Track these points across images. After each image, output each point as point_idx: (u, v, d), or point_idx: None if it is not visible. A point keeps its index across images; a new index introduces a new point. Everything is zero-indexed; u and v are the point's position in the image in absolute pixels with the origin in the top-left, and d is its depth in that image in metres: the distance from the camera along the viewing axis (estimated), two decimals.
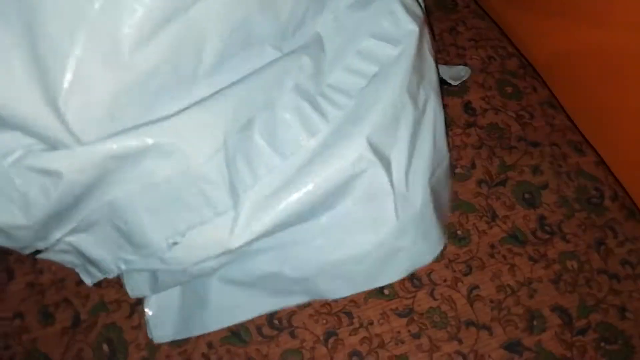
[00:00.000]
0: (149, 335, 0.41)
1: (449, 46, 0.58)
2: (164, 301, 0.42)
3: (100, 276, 0.40)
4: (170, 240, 0.37)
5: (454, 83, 0.52)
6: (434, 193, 0.43)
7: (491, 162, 0.50)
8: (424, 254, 0.44)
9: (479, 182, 0.49)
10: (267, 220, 0.37)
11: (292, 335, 0.41)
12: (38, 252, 0.40)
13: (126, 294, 0.42)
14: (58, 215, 0.36)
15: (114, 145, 0.34)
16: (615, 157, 0.52)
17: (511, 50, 0.59)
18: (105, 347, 0.40)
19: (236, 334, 0.41)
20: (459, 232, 0.46)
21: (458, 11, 0.62)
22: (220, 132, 0.36)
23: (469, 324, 0.42)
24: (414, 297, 0.43)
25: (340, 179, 0.38)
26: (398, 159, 0.40)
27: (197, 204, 0.37)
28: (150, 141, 0.34)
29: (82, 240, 0.39)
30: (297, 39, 0.40)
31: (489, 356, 0.41)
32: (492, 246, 0.45)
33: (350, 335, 0.41)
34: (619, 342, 0.42)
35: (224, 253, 0.37)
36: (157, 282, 0.41)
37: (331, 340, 0.41)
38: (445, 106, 0.53)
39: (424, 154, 0.42)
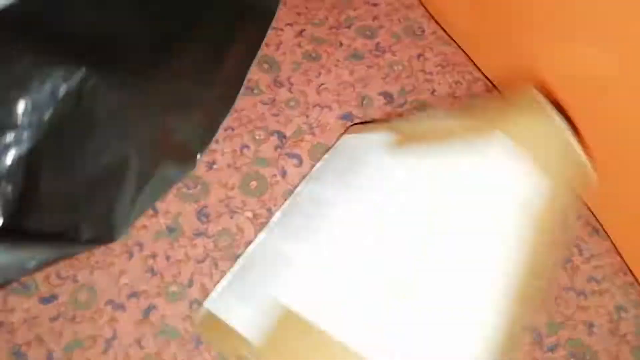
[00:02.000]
0: None
1: (417, 72, 0.60)
2: None
3: None
4: None
5: None
6: None
7: None
8: None
9: None
10: None
11: None
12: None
13: (101, 328, 0.42)
14: None
15: None
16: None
17: (477, 74, 0.61)
18: None
19: None
20: None
21: (425, 37, 0.64)
22: None
23: None
24: None
25: None
26: None
27: None
28: None
29: None
30: None
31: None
32: None
33: None
34: (587, 357, 0.44)
35: None
36: None
37: None
38: None
39: None
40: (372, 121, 0.49)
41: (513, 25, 0.58)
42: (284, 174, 0.52)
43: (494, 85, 0.61)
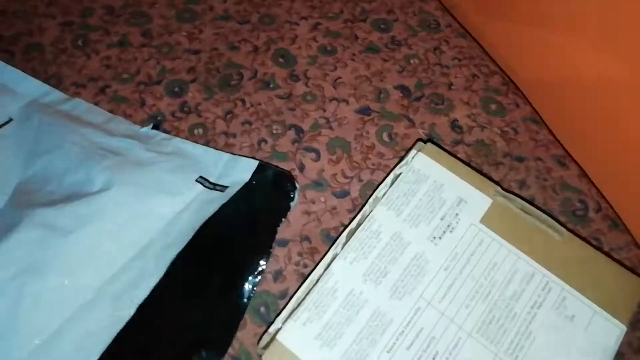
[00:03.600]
0: None
1: (433, 65, 0.60)
2: None
3: None
4: None
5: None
6: None
7: None
8: None
9: None
10: None
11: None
12: None
13: None
14: None
15: None
16: (598, 170, 0.54)
17: (493, 67, 0.61)
18: None
19: None
20: None
21: (441, 30, 0.64)
22: None
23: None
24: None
25: None
26: None
27: None
28: None
29: None
30: None
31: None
32: None
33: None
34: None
35: None
36: None
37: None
38: (432, 124, 0.55)
39: None
40: (449, 152, 0.48)
41: (531, 20, 0.57)
42: (302, 168, 0.52)
43: (510, 79, 0.60)
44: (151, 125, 0.53)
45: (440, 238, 0.41)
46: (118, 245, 0.44)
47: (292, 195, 0.48)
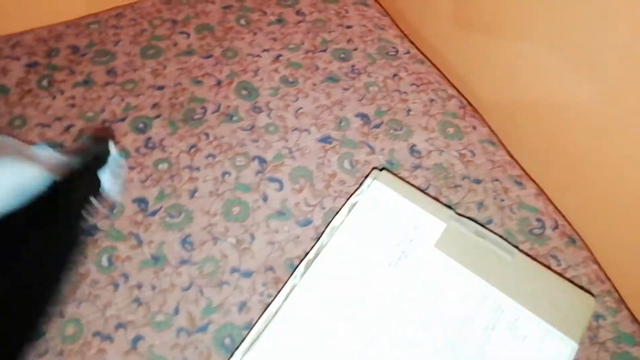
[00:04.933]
0: None
1: (392, 92, 0.62)
2: None
3: None
4: None
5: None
6: None
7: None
8: None
9: None
10: None
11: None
12: None
13: None
14: None
15: None
16: (555, 187, 0.55)
17: (451, 91, 0.62)
18: None
19: None
20: None
21: (399, 57, 0.66)
22: None
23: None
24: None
25: None
26: None
27: None
28: None
29: None
30: None
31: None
32: None
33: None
34: None
35: None
36: None
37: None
38: (392, 150, 0.56)
39: None
40: (402, 178, 0.50)
41: (496, 41, 0.59)
42: (265, 198, 0.53)
43: (468, 102, 0.62)
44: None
45: (396, 264, 0.42)
46: None
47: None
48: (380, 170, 0.48)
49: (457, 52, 0.66)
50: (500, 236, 0.44)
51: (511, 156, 0.58)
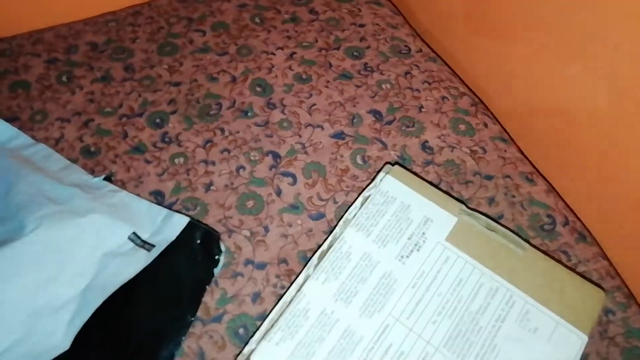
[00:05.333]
0: None
1: (404, 89, 0.62)
2: None
3: None
4: None
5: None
6: None
7: None
8: None
9: None
10: None
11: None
12: None
13: None
14: None
15: None
16: (565, 183, 0.56)
17: (462, 89, 0.63)
18: None
19: None
20: None
21: (411, 56, 0.67)
22: None
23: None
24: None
25: None
26: None
27: None
28: None
29: None
30: None
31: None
32: None
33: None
34: None
35: None
36: None
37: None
38: (404, 146, 0.57)
39: None
40: (414, 173, 0.50)
41: (506, 40, 0.60)
42: (279, 192, 0.54)
43: (479, 100, 0.63)
44: (103, 176, 0.53)
45: (407, 257, 0.43)
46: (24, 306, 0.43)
47: (217, 258, 0.48)
48: (393, 164, 0.48)
49: (468, 52, 0.67)
50: (512, 230, 0.45)
51: (522, 153, 0.58)
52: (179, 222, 0.50)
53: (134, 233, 0.49)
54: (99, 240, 0.47)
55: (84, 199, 0.50)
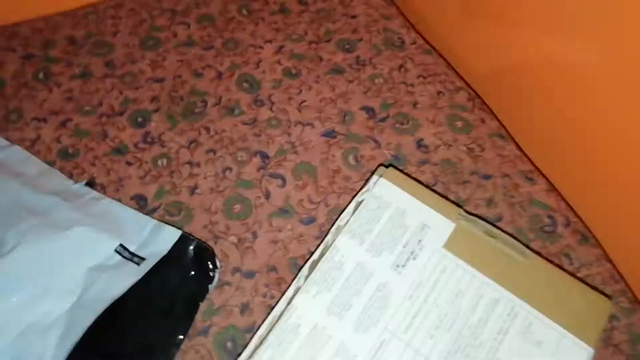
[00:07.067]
0: None
1: (398, 84, 0.60)
2: None
3: None
4: None
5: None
6: None
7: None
8: None
9: None
10: None
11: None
12: None
13: None
14: None
15: None
16: (566, 183, 0.53)
17: (459, 83, 0.60)
18: None
19: None
20: None
21: (405, 48, 0.64)
22: None
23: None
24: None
25: None
26: None
27: None
28: None
29: None
30: None
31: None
32: None
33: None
34: None
35: None
36: None
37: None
38: (398, 145, 0.54)
39: None
40: (410, 176, 0.47)
41: (503, 26, 0.57)
42: (267, 195, 0.51)
43: (476, 94, 0.60)
44: (84, 182, 0.51)
45: (403, 266, 0.41)
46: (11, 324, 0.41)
47: (212, 275, 0.45)
48: (387, 167, 0.46)
49: (466, 42, 0.64)
50: (512, 235, 0.42)
51: (521, 150, 0.56)
52: (170, 235, 0.47)
53: (121, 245, 0.46)
54: (85, 254, 0.45)
55: (65, 209, 0.47)
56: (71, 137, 0.55)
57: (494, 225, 0.43)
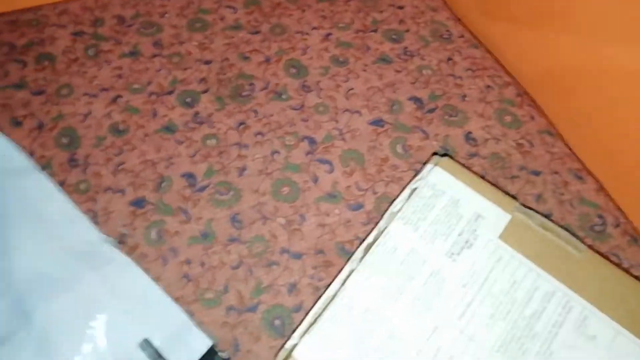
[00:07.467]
0: None
1: (446, 76, 0.59)
2: None
3: None
4: None
5: None
6: None
7: None
8: None
9: None
10: None
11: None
12: None
13: None
14: None
15: None
16: (616, 183, 0.53)
17: (507, 79, 0.60)
18: None
19: None
20: None
21: (453, 41, 0.63)
22: None
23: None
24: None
25: None
26: None
27: None
28: None
29: None
30: None
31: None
32: None
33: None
34: None
35: None
36: None
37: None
38: (446, 136, 0.54)
39: None
40: (463, 165, 0.47)
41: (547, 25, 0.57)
42: (315, 180, 0.51)
43: (525, 91, 0.60)
44: (114, 240, 0.46)
45: (458, 254, 0.40)
46: None
47: None
48: (442, 156, 0.46)
49: (514, 42, 0.64)
50: (567, 229, 0.42)
51: (570, 149, 0.55)
52: (200, 343, 0.42)
53: (146, 340, 0.41)
54: (108, 346, 0.40)
55: (93, 282, 0.43)
56: (121, 113, 0.55)
57: (548, 219, 0.43)
